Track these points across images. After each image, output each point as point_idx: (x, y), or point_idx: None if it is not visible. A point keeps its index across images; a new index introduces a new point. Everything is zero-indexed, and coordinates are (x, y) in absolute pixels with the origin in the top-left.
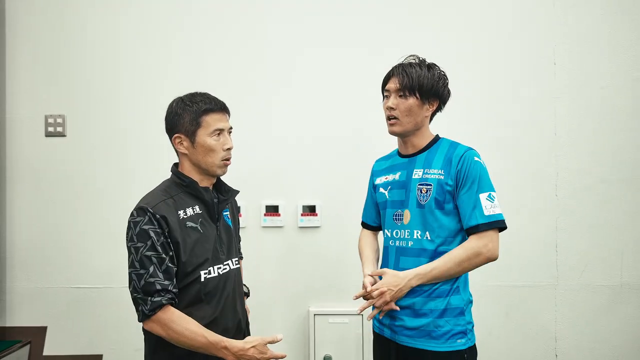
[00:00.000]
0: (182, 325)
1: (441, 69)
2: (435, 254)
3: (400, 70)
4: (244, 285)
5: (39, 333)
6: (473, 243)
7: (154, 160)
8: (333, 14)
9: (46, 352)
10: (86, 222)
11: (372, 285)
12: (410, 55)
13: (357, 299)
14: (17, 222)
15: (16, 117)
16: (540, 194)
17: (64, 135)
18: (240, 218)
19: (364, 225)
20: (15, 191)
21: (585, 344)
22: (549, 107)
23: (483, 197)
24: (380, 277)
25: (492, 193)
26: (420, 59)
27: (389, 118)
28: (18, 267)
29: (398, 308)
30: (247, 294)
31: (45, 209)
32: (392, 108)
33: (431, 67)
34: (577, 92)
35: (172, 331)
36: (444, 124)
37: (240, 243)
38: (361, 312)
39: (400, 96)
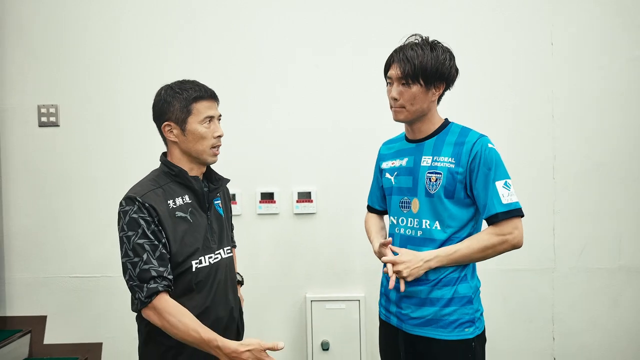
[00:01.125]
0: (177, 317)
1: (445, 45)
2: (443, 244)
3: (401, 56)
4: (238, 273)
5: (39, 322)
6: (498, 230)
7: (148, 150)
8: (329, 8)
9: (46, 340)
10: (82, 211)
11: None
12: (412, 35)
13: (384, 245)
14: (13, 213)
15: (9, 107)
16: (538, 177)
17: (57, 125)
18: (235, 205)
19: (370, 209)
20: (9, 182)
21: (583, 327)
22: (546, 88)
23: (500, 185)
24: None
25: (508, 181)
26: (423, 37)
27: (393, 107)
28: (15, 258)
29: (403, 289)
30: (241, 282)
31: (40, 199)
32: (395, 98)
33: (434, 46)
34: (574, 73)
35: (167, 322)
36: (440, 108)
37: (233, 231)
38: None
39: (403, 84)
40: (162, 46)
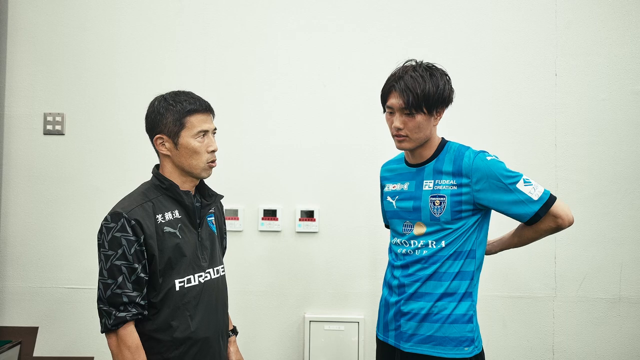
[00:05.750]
0: (133, 355)
1: (440, 67)
2: (449, 258)
3: (402, 87)
4: (234, 326)
5: (30, 333)
6: (546, 224)
7: (152, 160)
8: (336, 20)
9: (37, 353)
10: (82, 221)
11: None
12: (408, 60)
13: None
14: (13, 220)
15: (15, 114)
16: None
17: (63, 134)
18: (237, 221)
19: (387, 226)
20: (11, 189)
21: (583, 357)
22: (549, 118)
23: (521, 186)
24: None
25: (524, 177)
26: (418, 62)
27: (396, 135)
28: (11, 266)
29: None
30: (235, 332)
31: (42, 207)
32: (399, 128)
33: (433, 73)
34: (577, 103)
35: (122, 356)
36: (444, 134)
37: (225, 251)
38: None
39: (406, 114)
40: (168, 57)
